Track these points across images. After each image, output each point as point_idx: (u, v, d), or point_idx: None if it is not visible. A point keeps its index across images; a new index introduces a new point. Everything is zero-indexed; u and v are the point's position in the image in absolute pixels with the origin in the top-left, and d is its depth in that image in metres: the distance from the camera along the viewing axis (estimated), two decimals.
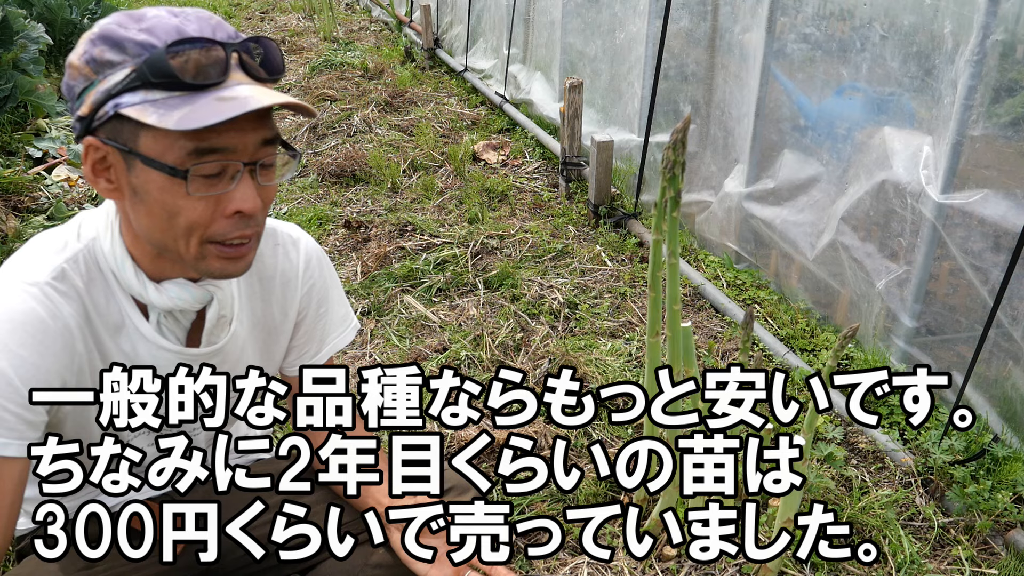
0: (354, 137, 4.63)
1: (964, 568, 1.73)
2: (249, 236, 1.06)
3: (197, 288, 1.14)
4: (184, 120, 0.93)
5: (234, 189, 1.01)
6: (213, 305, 1.18)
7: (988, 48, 1.87)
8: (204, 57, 0.96)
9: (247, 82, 1.00)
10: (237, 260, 1.08)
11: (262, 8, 9.18)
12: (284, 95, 1.00)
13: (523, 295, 2.83)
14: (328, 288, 1.37)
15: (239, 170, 1.00)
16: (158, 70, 0.94)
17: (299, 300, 1.32)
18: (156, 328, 1.17)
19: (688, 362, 1.63)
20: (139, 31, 0.96)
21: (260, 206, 1.04)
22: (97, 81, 0.96)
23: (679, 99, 3.25)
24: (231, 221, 1.03)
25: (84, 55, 0.97)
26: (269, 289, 1.28)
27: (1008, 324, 1.95)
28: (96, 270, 1.11)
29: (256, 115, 0.98)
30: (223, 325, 1.22)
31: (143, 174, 0.99)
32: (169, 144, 0.96)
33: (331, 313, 1.39)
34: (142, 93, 0.95)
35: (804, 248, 2.59)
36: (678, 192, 1.46)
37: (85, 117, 0.98)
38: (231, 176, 1.00)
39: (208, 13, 1.02)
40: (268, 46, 1.04)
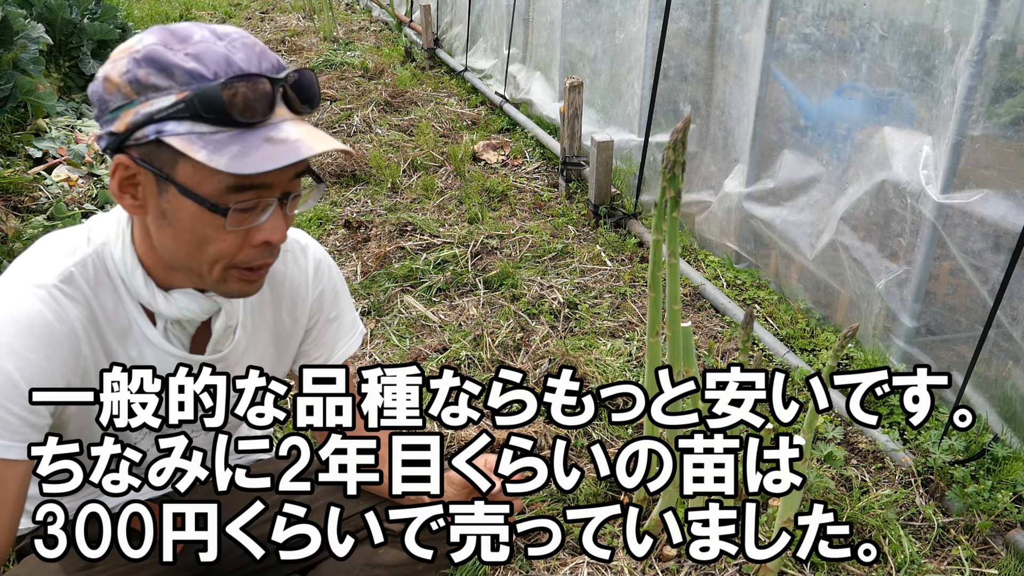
0: (354, 137, 4.63)
1: (964, 568, 1.73)
2: (271, 262, 1.10)
3: (205, 299, 1.15)
4: (235, 163, 0.94)
5: (265, 221, 1.03)
6: (221, 316, 1.19)
7: (988, 48, 1.87)
8: (251, 91, 0.96)
9: (290, 117, 1.01)
10: (254, 282, 1.11)
11: (262, 8, 9.18)
12: (329, 138, 1.02)
13: (523, 295, 2.83)
14: (338, 294, 1.38)
15: (272, 203, 1.02)
16: (210, 106, 0.93)
17: (309, 306, 1.33)
18: (163, 334, 1.17)
19: (688, 362, 1.63)
20: (187, 56, 0.95)
21: (286, 236, 1.06)
22: (137, 102, 0.95)
23: (679, 99, 3.25)
24: (257, 250, 1.05)
25: (127, 74, 0.96)
26: (278, 295, 1.29)
27: (1008, 324, 1.95)
28: (104, 275, 1.11)
29: None
30: (228, 334, 1.23)
31: (176, 200, 0.99)
32: (208, 175, 0.96)
33: (341, 319, 1.39)
34: (188, 124, 0.94)
35: (804, 248, 2.59)
36: (678, 192, 1.46)
37: (118, 134, 0.98)
38: (263, 208, 1.02)
39: (251, 38, 1.01)
40: (307, 78, 1.04)
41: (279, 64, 1.01)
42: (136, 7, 8.55)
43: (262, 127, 0.97)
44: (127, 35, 5.23)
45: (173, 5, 9.18)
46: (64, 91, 4.72)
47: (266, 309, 1.28)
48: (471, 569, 1.61)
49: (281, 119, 0.99)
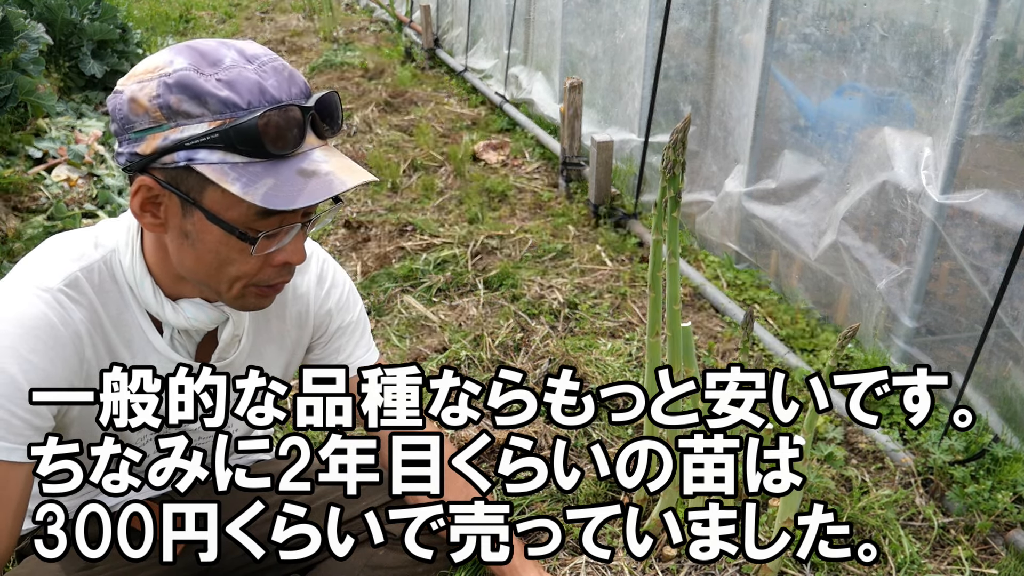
0: (354, 137, 4.63)
1: (964, 568, 1.73)
2: (289, 280, 1.12)
3: (213, 309, 1.16)
4: (271, 198, 0.95)
5: (288, 243, 1.05)
6: (228, 325, 1.20)
7: (988, 48, 1.87)
8: (283, 120, 0.96)
9: (318, 144, 1.02)
10: (269, 296, 1.13)
11: (262, 8, 9.18)
12: (359, 168, 1.03)
13: (523, 295, 2.83)
14: (348, 299, 1.38)
15: (295, 227, 1.04)
16: (246, 138, 0.94)
17: (313, 314, 1.33)
18: (169, 343, 1.18)
19: (688, 362, 1.63)
20: (219, 83, 0.94)
21: (306, 256, 1.09)
22: (167, 127, 0.95)
23: (679, 99, 3.25)
24: (276, 269, 1.07)
25: (157, 98, 0.95)
26: (282, 304, 1.29)
27: (1008, 324, 1.95)
28: (111, 282, 1.11)
29: None
30: (234, 343, 1.24)
31: (201, 224, 1.00)
32: (235, 203, 0.97)
33: (355, 328, 1.40)
34: (220, 153, 0.95)
35: (806, 248, 2.59)
36: (678, 192, 1.46)
37: (143, 156, 0.97)
38: (287, 231, 1.04)
39: (280, 61, 1.01)
40: (332, 102, 1.04)
41: (306, 88, 1.02)
42: (136, 7, 8.54)
43: (293, 158, 0.98)
44: (127, 35, 5.23)
45: (173, 5, 9.18)
46: (64, 91, 4.72)
47: (272, 318, 1.29)
48: (471, 569, 1.61)
49: (310, 147, 1.00)
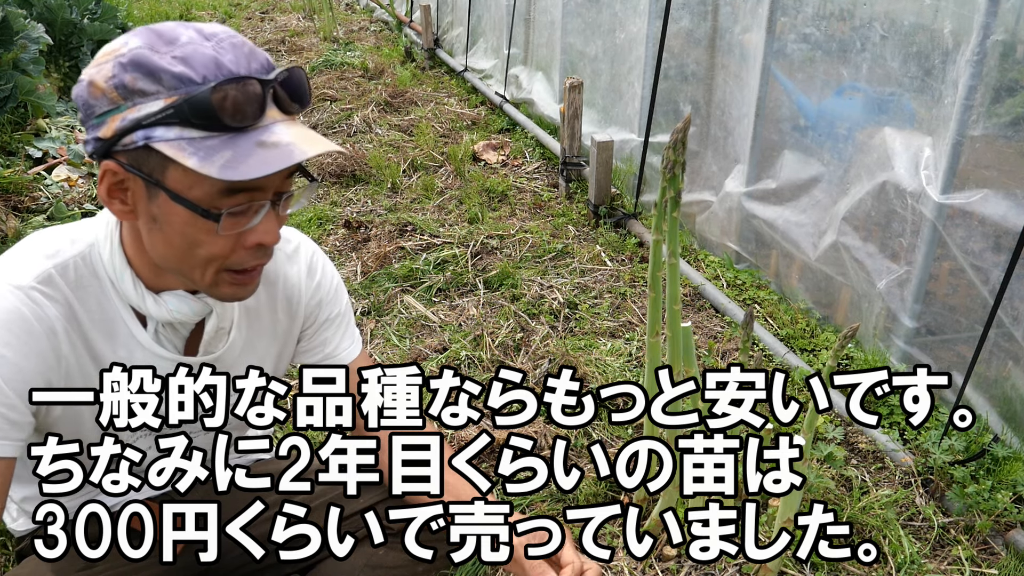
0: (354, 137, 4.63)
1: (964, 568, 1.73)
2: (265, 263, 1.08)
3: (196, 301, 1.14)
4: (227, 170, 0.92)
5: (258, 223, 1.01)
6: (212, 318, 1.18)
7: (988, 48, 1.87)
8: (241, 94, 0.94)
9: (281, 118, 0.99)
10: (247, 285, 1.09)
11: (262, 8, 9.18)
12: (322, 139, 1.00)
13: (523, 295, 2.83)
14: (337, 291, 1.37)
15: (264, 205, 1.00)
16: (200, 111, 0.92)
17: (304, 304, 1.32)
18: (153, 337, 1.16)
19: (688, 362, 1.63)
20: (174, 60, 0.92)
21: (280, 238, 1.04)
22: (124, 107, 0.93)
23: (679, 99, 3.25)
24: (250, 252, 1.04)
25: (113, 79, 0.93)
26: (273, 295, 1.28)
27: (1008, 324, 1.95)
28: (91, 277, 1.10)
29: None
30: (221, 335, 1.22)
31: (166, 206, 0.98)
32: (198, 180, 0.95)
33: (342, 320, 1.38)
34: (178, 129, 0.93)
35: (806, 248, 2.59)
36: (678, 192, 1.46)
37: (105, 139, 0.96)
38: (256, 211, 1.00)
39: (239, 37, 0.99)
40: (297, 76, 1.02)
41: (268, 63, 0.99)
42: (136, 7, 8.55)
43: (253, 130, 0.95)
44: None
45: (173, 5, 9.18)
46: (64, 91, 4.72)
47: (263, 311, 1.27)
48: (471, 569, 1.61)
49: (272, 121, 0.97)
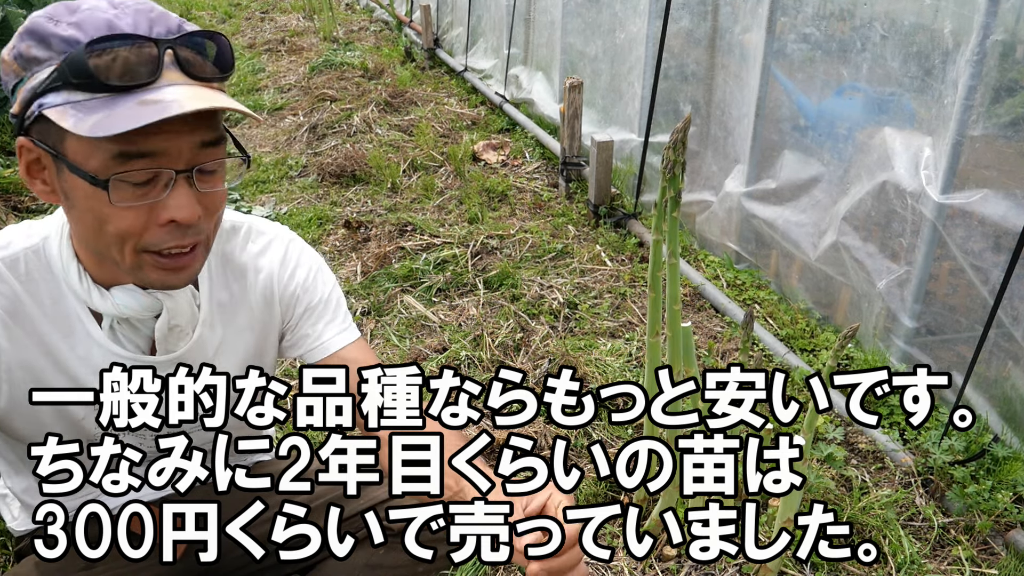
0: (354, 137, 4.63)
1: (964, 568, 1.73)
2: (187, 246, 0.99)
3: (146, 296, 1.08)
4: (97, 126, 0.86)
5: (168, 197, 0.93)
6: (163, 315, 1.11)
7: (988, 48, 1.87)
8: (135, 55, 0.88)
9: (183, 82, 0.91)
10: (177, 271, 1.01)
11: (262, 8, 9.18)
12: (221, 97, 0.92)
13: (523, 295, 2.83)
14: (315, 278, 1.27)
15: (170, 176, 0.92)
16: (77, 70, 0.87)
17: (279, 295, 1.25)
18: (109, 335, 1.12)
19: (688, 362, 1.63)
20: (68, 25, 0.89)
21: (197, 214, 0.96)
22: (26, 78, 0.91)
23: (679, 99, 3.25)
24: (166, 230, 0.96)
25: (12, 50, 0.91)
26: (246, 289, 1.22)
27: (1008, 324, 1.95)
28: (46, 271, 1.06)
29: (192, 116, 0.90)
30: (179, 334, 1.16)
31: (70, 179, 0.92)
32: (93, 148, 0.89)
33: (327, 308, 1.29)
34: (65, 94, 0.88)
35: (807, 248, 2.59)
36: (678, 192, 1.46)
37: (17, 116, 0.93)
38: (165, 183, 0.93)
39: (150, 4, 0.94)
40: (218, 41, 0.95)
41: (179, 28, 0.94)
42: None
43: (140, 91, 0.88)
44: None
45: (173, 5, 9.18)
46: None
47: (238, 306, 1.22)
48: (471, 569, 1.61)
49: (169, 83, 0.90)
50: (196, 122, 0.91)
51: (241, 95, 5.73)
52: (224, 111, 0.95)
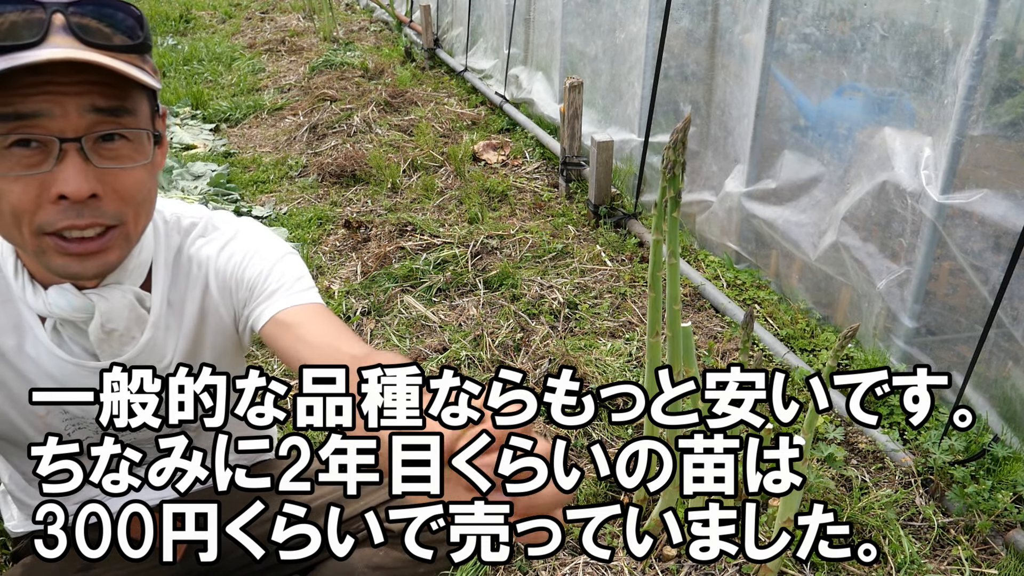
0: (354, 137, 4.63)
1: (964, 568, 1.73)
2: (83, 226, 0.90)
3: (77, 296, 1.01)
4: None
5: (56, 169, 0.85)
6: (95, 317, 1.03)
7: (988, 48, 1.87)
8: (21, 19, 0.82)
9: (73, 46, 0.83)
10: (83, 258, 0.92)
11: (262, 8, 9.18)
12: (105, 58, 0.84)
13: (523, 295, 2.83)
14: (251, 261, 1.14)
15: (52, 143, 0.84)
16: None
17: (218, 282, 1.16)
18: (52, 336, 1.06)
19: (688, 362, 1.63)
20: None
21: (87, 190, 0.87)
22: None
23: (679, 99, 3.25)
24: (59, 208, 0.87)
25: None
26: (195, 283, 1.14)
27: (1008, 324, 1.95)
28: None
29: (83, 79, 0.84)
30: (121, 338, 1.08)
31: None
32: None
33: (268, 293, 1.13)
34: None
35: (807, 248, 2.59)
36: (678, 192, 1.46)
37: None
38: (48, 152, 0.85)
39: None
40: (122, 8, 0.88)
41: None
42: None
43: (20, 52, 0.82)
44: None
45: (173, 5, 9.18)
46: None
47: (187, 304, 1.14)
48: (471, 569, 1.61)
49: (54, 46, 0.82)
50: (85, 86, 0.84)
51: (241, 95, 5.73)
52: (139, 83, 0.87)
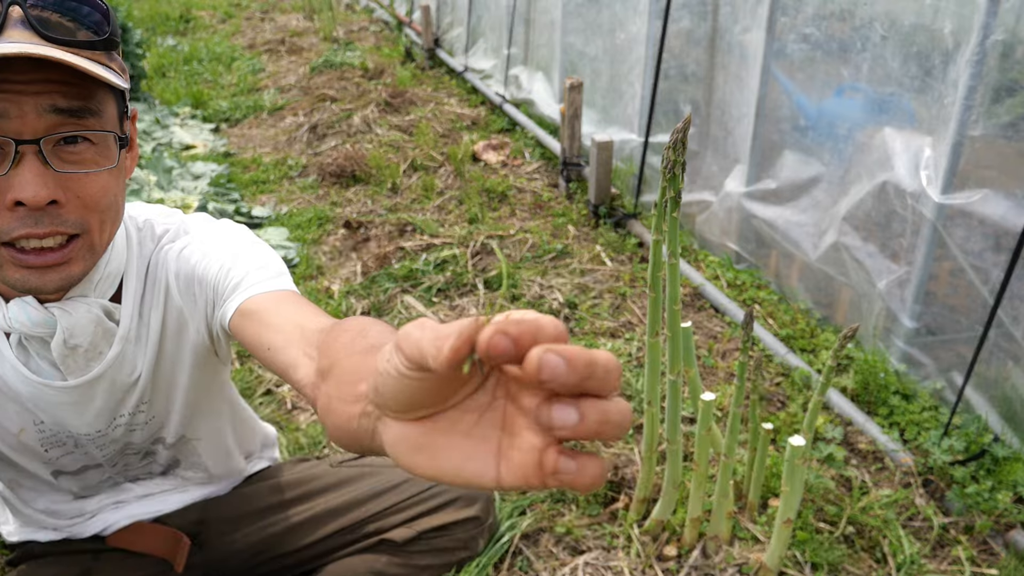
0: (354, 137, 4.63)
1: (964, 568, 1.73)
2: (42, 235, 0.84)
3: (38, 311, 0.94)
4: None
5: (11, 173, 0.80)
6: (57, 333, 0.95)
7: (988, 48, 1.87)
8: None
9: (31, 41, 0.78)
10: (42, 271, 0.85)
11: (262, 8, 9.18)
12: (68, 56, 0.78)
13: (523, 295, 2.83)
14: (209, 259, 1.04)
15: (13, 148, 0.80)
16: None
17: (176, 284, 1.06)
18: (17, 352, 0.99)
19: (688, 362, 1.63)
20: None
21: (45, 196, 0.81)
22: None
23: (679, 99, 3.25)
24: (15, 216, 0.82)
25: None
26: (160, 291, 1.06)
27: (1008, 324, 1.95)
28: None
29: (43, 77, 0.79)
30: (87, 355, 1.00)
31: None
32: None
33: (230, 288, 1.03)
34: None
35: (807, 248, 2.59)
36: (678, 192, 1.46)
37: None
38: (12, 157, 0.80)
39: None
40: (86, 0, 0.82)
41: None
42: (136, 7, 8.55)
43: None
44: (127, 35, 5.24)
45: (173, 5, 9.18)
46: None
47: (154, 313, 1.06)
48: (473, 570, 1.61)
49: (9, 41, 0.78)
50: (45, 84, 0.79)
51: (241, 95, 5.73)
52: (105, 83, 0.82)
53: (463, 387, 0.42)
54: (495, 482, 0.41)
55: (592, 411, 0.37)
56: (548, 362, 0.35)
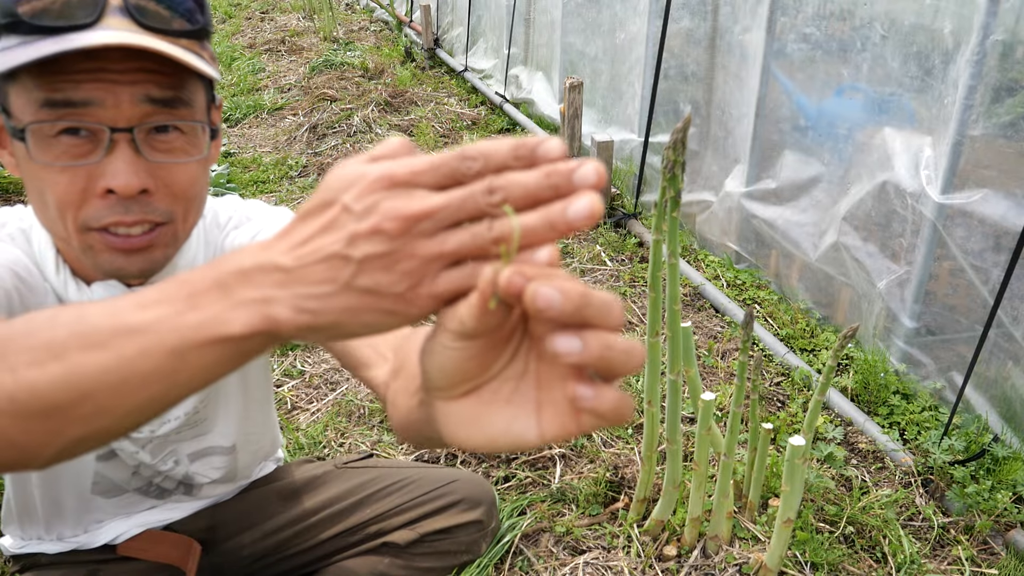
0: (354, 137, 4.63)
1: (964, 568, 1.73)
2: (131, 223, 0.84)
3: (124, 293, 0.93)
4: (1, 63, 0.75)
5: (104, 161, 0.80)
6: None
7: (988, 48, 1.87)
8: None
9: (129, 29, 0.78)
10: (130, 254, 0.86)
11: (262, 8, 9.18)
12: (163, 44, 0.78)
13: None
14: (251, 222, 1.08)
15: (108, 136, 0.80)
16: (5, 13, 0.77)
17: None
18: None
19: (688, 362, 1.63)
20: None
21: (137, 184, 0.81)
22: None
23: (679, 99, 3.25)
24: (105, 203, 0.82)
25: None
26: None
27: (1008, 324, 1.95)
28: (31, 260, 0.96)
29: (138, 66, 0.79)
30: None
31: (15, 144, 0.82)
32: (26, 101, 0.78)
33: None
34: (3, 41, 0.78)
35: (807, 248, 2.59)
36: (678, 192, 1.46)
37: None
38: (97, 142, 0.80)
39: None
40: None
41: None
42: None
43: (73, 33, 0.76)
44: None
45: None
46: None
47: None
48: (474, 571, 1.61)
49: (108, 28, 0.77)
50: (140, 74, 0.79)
51: (241, 95, 5.73)
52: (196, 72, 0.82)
53: (499, 356, 0.45)
54: (539, 436, 0.43)
55: (594, 339, 0.40)
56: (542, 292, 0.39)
